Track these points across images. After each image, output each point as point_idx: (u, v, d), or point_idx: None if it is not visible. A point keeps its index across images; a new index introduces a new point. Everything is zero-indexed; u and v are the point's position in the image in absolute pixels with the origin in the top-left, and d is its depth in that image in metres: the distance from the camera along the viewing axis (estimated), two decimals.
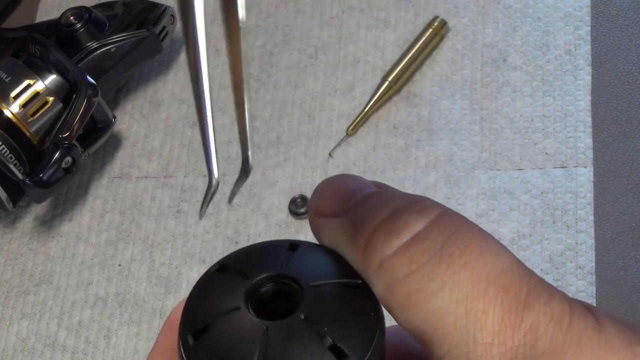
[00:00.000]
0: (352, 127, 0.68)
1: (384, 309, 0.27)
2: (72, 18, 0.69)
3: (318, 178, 0.67)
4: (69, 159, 0.64)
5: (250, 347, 0.26)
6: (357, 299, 0.27)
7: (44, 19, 0.78)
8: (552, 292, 0.25)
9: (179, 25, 0.74)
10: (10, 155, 0.64)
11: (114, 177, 0.71)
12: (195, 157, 0.70)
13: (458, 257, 0.25)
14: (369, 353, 0.26)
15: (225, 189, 0.68)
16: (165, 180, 0.70)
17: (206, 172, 0.30)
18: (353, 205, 0.28)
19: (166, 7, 0.72)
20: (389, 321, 0.28)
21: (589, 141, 0.64)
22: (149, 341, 0.64)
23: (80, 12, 0.69)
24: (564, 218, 0.62)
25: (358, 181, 0.29)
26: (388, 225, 0.26)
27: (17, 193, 0.66)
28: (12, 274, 0.68)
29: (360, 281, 0.27)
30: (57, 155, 0.63)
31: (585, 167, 0.63)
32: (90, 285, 0.67)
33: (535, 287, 0.25)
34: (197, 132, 0.71)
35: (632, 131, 0.64)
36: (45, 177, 0.63)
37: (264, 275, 0.28)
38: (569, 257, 0.61)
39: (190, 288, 0.29)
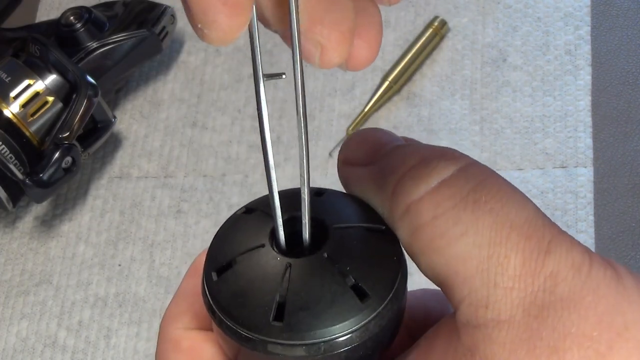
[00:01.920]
0: (352, 127, 0.68)
1: (407, 257, 0.27)
2: (72, 18, 0.69)
3: (318, 178, 0.67)
4: (69, 159, 0.64)
5: (272, 283, 0.26)
6: (381, 243, 0.27)
7: (44, 19, 0.78)
8: (573, 242, 0.25)
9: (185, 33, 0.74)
10: (10, 155, 0.64)
11: (114, 177, 0.71)
12: (195, 157, 0.70)
13: (484, 204, 0.25)
14: (390, 295, 0.26)
15: (225, 189, 0.68)
16: (165, 180, 0.70)
17: (206, 172, 0.30)
18: (382, 154, 0.28)
19: (166, 7, 0.72)
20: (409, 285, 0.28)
21: (589, 141, 0.64)
22: (149, 341, 0.64)
23: (80, 12, 0.69)
24: (564, 218, 0.62)
25: (388, 134, 0.29)
26: (416, 171, 0.27)
27: (17, 193, 0.66)
28: (12, 274, 0.68)
29: (384, 227, 0.28)
30: (57, 155, 0.63)
31: (585, 167, 0.63)
32: (90, 285, 0.67)
33: (557, 236, 0.25)
34: (197, 132, 0.71)
35: (632, 131, 0.64)
36: (45, 177, 0.63)
37: (289, 215, 0.28)
38: None
39: None
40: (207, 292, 0.27)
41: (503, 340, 0.24)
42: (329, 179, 0.67)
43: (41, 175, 0.63)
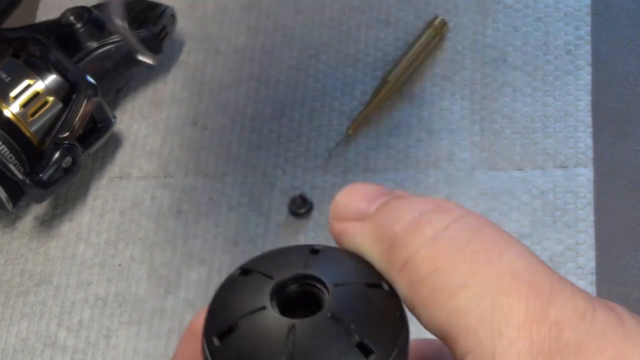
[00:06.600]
0: (352, 127, 0.68)
1: (407, 311, 0.27)
2: (72, 18, 0.69)
3: (318, 178, 0.67)
4: (69, 159, 0.64)
5: (277, 345, 0.26)
6: (382, 299, 0.27)
7: (44, 19, 0.77)
8: (574, 289, 0.25)
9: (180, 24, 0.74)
10: (10, 155, 0.64)
11: (114, 177, 0.71)
12: (195, 157, 0.70)
13: (482, 254, 0.25)
14: (395, 351, 0.26)
15: (225, 189, 0.68)
16: (165, 180, 0.70)
17: (206, 172, 0.30)
18: (376, 209, 0.29)
19: (166, 7, 0.72)
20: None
21: (589, 141, 0.64)
22: (149, 341, 0.64)
23: (80, 12, 0.69)
24: (564, 218, 0.62)
25: (379, 187, 0.30)
26: (412, 225, 0.27)
27: (17, 193, 0.66)
28: (12, 274, 0.68)
29: (383, 282, 0.28)
30: (57, 155, 0.63)
31: (585, 167, 0.63)
32: (90, 285, 0.67)
33: (557, 283, 0.25)
34: (197, 132, 0.71)
35: (632, 131, 0.64)
36: (45, 177, 0.63)
37: (288, 276, 0.28)
38: (569, 257, 0.61)
39: (190, 288, 0.29)
40: (211, 359, 0.27)
41: None
42: (329, 179, 0.67)
43: (41, 175, 0.63)
